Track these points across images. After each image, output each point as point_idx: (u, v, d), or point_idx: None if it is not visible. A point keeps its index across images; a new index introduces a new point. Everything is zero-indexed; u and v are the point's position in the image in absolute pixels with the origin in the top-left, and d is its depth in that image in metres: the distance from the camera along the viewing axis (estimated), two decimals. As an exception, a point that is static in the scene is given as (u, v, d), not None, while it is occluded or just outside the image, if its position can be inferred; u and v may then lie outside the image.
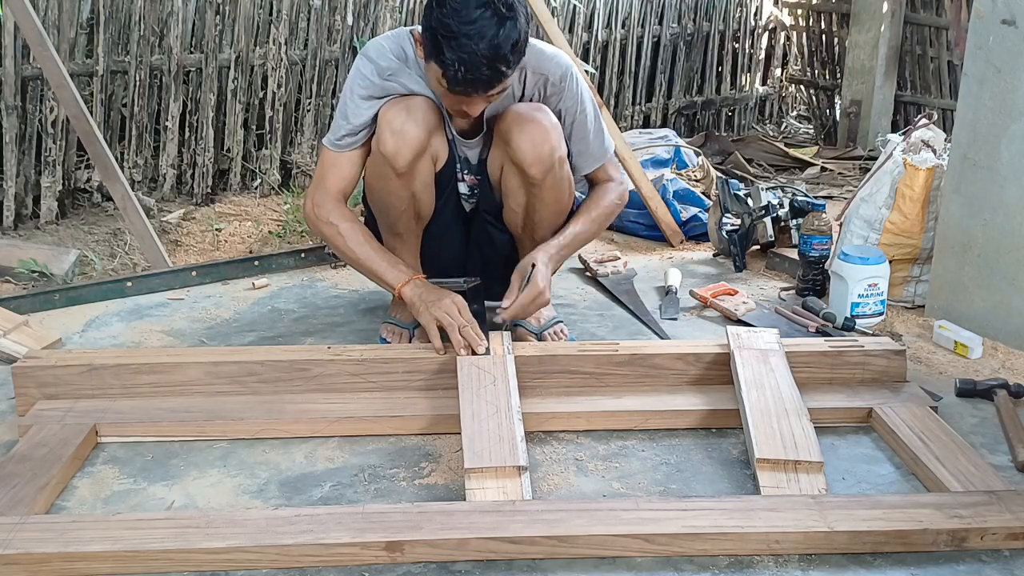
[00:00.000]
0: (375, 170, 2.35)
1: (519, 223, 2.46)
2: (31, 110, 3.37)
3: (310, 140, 3.91)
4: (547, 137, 2.29)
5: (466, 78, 2.07)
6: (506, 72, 2.09)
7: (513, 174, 2.35)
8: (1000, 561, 1.72)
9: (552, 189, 2.36)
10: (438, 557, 1.68)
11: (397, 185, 2.33)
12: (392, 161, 2.27)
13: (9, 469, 1.90)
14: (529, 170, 2.30)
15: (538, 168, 2.30)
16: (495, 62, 2.06)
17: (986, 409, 2.30)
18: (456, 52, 2.05)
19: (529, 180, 2.33)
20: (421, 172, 2.35)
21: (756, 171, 4.47)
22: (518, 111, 2.30)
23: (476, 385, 2.10)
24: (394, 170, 2.29)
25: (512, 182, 2.37)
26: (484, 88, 2.11)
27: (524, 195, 2.38)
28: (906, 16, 4.86)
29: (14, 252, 3.05)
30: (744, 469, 2.02)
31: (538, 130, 2.28)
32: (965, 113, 2.68)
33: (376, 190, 2.40)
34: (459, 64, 2.06)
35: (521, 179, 2.34)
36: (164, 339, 2.65)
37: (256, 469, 2.01)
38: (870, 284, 2.76)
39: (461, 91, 2.12)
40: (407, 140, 2.26)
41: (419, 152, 2.29)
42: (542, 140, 2.28)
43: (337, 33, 3.87)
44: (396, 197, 2.37)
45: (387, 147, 2.26)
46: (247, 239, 3.42)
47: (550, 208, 2.41)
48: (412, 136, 2.26)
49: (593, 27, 4.64)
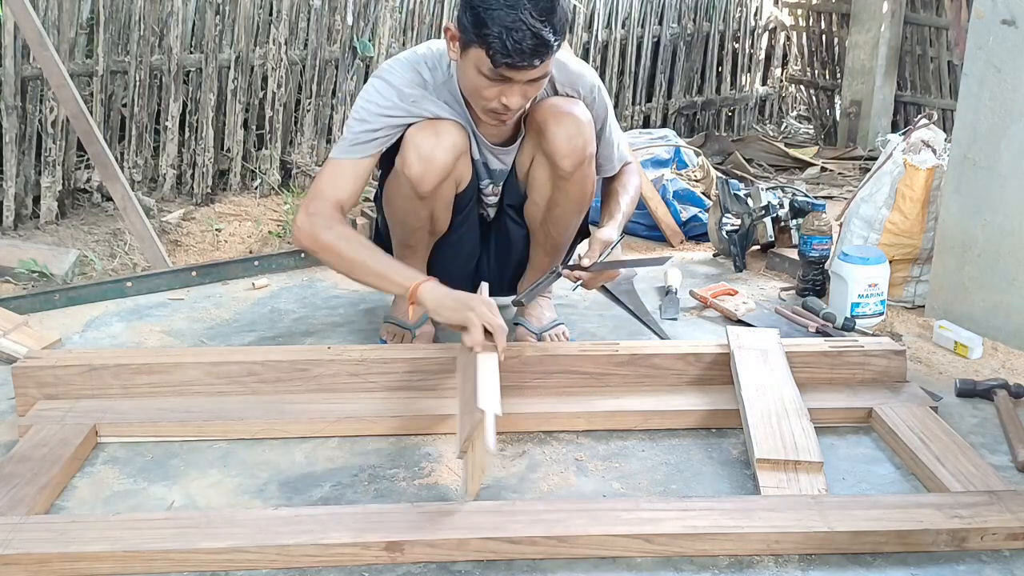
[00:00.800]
0: (397, 189, 2.33)
1: (539, 217, 2.46)
2: (31, 110, 3.37)
3: (310, 140, 3.91)
4: (582, 131, 2.29)
5: (513, 48, 2.02)
6: (551, 42, 2.05)
7: (543, 166, 2.35)
8: (1000, 561, 1.72)
9: (578, 184, 2.37)
10: (438, 557, 1.68)
11: (417, 205, 2.33)
12: (416, 186, 2.26)
13: (9, 469, 1.90)
14: (562, 162, 2.30)
15: (571, 160, 2.30)
16: (540, 30, 2.02)
17: (986, 409, 2.30)
18: (500, 22, 2.02)
19: (559, 173, 2.32)
20: (443, 195, 2.34)
21: (756, 171, 4.47)
22: (555, 103, 2.30)
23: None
24: (417, 194, 2.28)
25: (541, 174, 2.37)
26: (530, 58, 2.05)
27: (550, 188, 2.38)
28: (906, 16, 4.87)
29: (14, 252, 3.05)
30: (744, 469, 2.02)
31: (574, 123, 2.28)
32: (965, 113, 2.68)
33: (395, 207, 2.39)
34: (504, 34, 2.01)
35: (551, 171, 2.34)
36: (164, 339, 2.65)
37: (256, 469, 2.01)
38: (870, 284, 2.76)
39: (508, 63, 2.06)
40: (434, 166, 2.24)
41: (444, 178, 2.28)
42: (577, 133, 2.28)
43: (337, 33, 3.87)
44: (414, 216, 2.37)
45: (413, 171, 2.24)
46: (247, 239, 3.42)
47: (572, 204, 2.41)
48: (439, 163, 2.25)
49: (593, 27, 4.64)
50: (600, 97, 2.41)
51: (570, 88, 2.35)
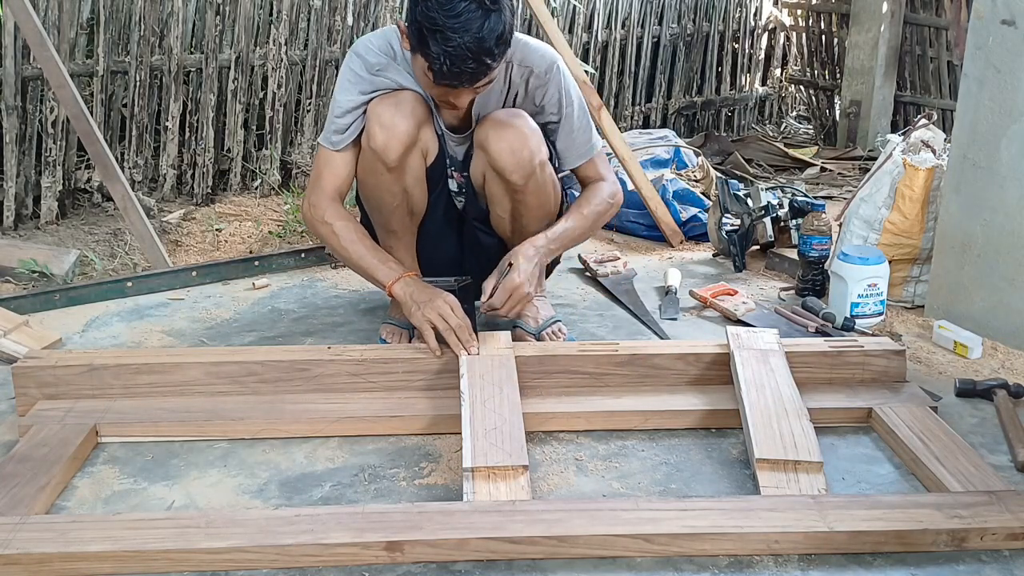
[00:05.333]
0: (367, 166, 2.35)
1: (507, 228, 2.47)
2: (31, 110, 3.37)
3: (310, 140, 3.91)
4: (525, 143, 2.28)
5: (452, 71, 2.08)
6: (492, 65, 2.11)
7: (495, 181, 2.36)
8: (1000, 561, 1.72)
9: (535, 193, 2.37)
10: (438, 557, 1.69)
11: (389, 180, 2.34)
12: (382, 155, 2.28)
13: (9, 469, 1.90)
14: (510, 177, 2.30)
15: (519, 174, 2.30)
16: (481, 55, 2.07)
17: (986, 409, 2.30)
18: (441, 45, 2.06)
19: (512, 187, 2.33)
20: (412, 166, 2.35)
21: (756, 171, 4.47)
22: (495, 118, 2.31)
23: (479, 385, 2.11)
24: (385, 165, 2.30)
25: (496, 189, 2.38)
26: (470, 80, 2.12)
27: (509, 201, 2.39)
28: (906, 16, 4.87)
29: (14, 252, 3.05)
30: (744, 469, 2.02)
31: (516, 136, 2.28)
32: (965, 113, 2.68)
33: (369, 187, 2.40)
34: (444, 57, 2.06)
35: (504, 186, 2.35)
36: (164, 339, 2.65)
37: (256, 469, 2.01)
38: (870, 284, 2.76)
39: (447, 84, 2.13)
40: (396, 134, 2.27)
41: (409, 146, 2.30)
42: (520, 146, 2.28)
43: (337, 33, 3.88)
44: (388, 193, 2.37)
45: (377, 141, 2.27)
46: (247, 239, 3.42)
47: (536, 212, 2.41)
48: (401, 130, 2.27)
49: (593, 27, 4.64)
50: (557, 77, 2.36)
51: (527, 65, 2.33)
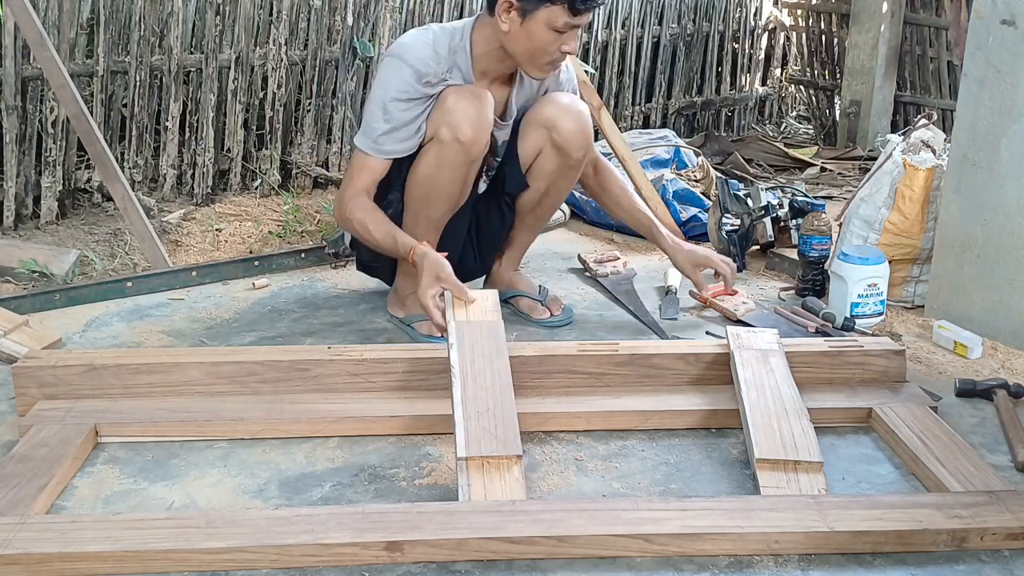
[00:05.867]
0: (442, 159, 2.38)
1: (533, 201, 2.66)
2: (31, 110, 3.36)
3: (310, 140, 3.91)
4: (588, 124, 2.56)
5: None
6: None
7: (552, 157, 2.55)
8: (1000, 561, 1.72)
9: (579, 171, 2.64)
10: (438, 557, 1.69)
11: (466, 171, 2.42)
12: (470, 147, 2.36)
13: (9, 469, 1.90)
14: (574, 153, 2.54)
15: (582, 151, 2.56)
16: None
17: (986, 409, 2.31)
18: None
19: (569, 163, 2.56)
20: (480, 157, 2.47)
21: (756, 171, 4.47)
22: (558, 101, 2.54)
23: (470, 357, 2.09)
24: (468, 157, 2.37)
25: (548, 165, 2.57)
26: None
27: (555, 176, 2.59)
28: (906, 16, 4.87)
29: (14, 252, 3.05)
30: (744, 469, 2.02)
31: (582, 118, 2.55)
32: (965, 113, 2.68)
33: (439, 180, 2.42)
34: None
35: (560, 161, 2.55)
36: (164, 339, 2.65)
37: (256, 469, 2.01)
38: (870, 284, 2.76)
39: (588, 7, 2.29)
40: (483, 125, 2.37)
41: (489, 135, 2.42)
42: (585, 125, 2.55)
43: (337, 33, 3.87)
44: (459, 183, 2.44)
45: (466, 134, 2.34)
46: (247, 239, 3.42)
47: (564, 191, 2.70)
48: (487, 120, 2.39)
49: (593, 27, 4.64)
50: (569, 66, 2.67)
51: None
